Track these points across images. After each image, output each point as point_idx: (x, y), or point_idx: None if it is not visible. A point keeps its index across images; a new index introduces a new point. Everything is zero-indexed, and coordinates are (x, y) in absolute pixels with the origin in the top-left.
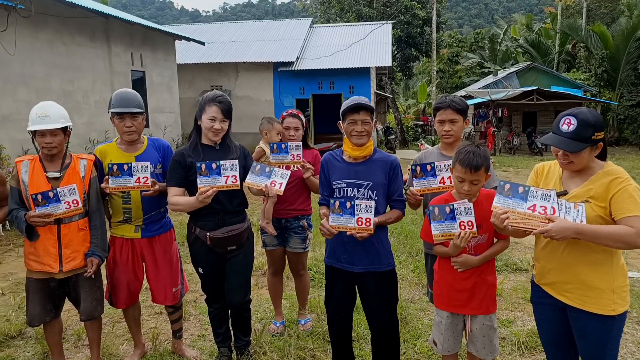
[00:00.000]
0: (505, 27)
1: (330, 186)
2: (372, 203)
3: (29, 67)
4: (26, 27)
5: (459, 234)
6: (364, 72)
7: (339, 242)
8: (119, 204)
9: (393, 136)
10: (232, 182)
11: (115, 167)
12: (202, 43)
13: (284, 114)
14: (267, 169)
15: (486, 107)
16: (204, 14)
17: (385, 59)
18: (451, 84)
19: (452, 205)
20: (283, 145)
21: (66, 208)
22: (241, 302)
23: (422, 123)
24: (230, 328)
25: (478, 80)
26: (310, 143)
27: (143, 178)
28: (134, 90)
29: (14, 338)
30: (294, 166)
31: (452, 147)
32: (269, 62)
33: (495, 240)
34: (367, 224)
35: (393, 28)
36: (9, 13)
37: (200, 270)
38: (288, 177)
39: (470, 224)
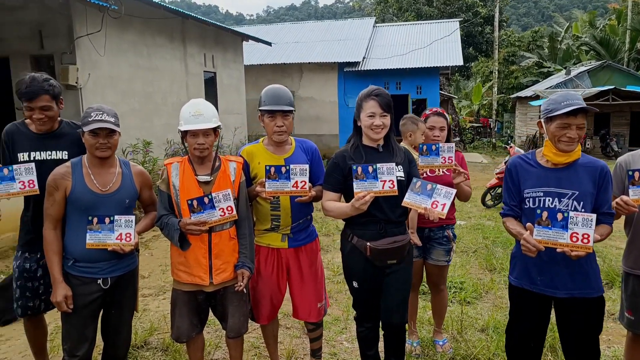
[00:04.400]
0: (567, 25)
1: (520, 194)
2: (593, 217)
3: (116, 69)
4: (114, 28)
5: None
6: (432, 72)
7: (533, 261)
8: (266, 210)
9: (457, 139)
10: (390, 187)
11: (273, 169)
12: (269, 44)
13: (427, 112)
14: (429, 187)
15: None
16: (247, 17)
17: (455, 57)
18: (507, 84)
19: None
20: (434, 147)
21: (220, 215)
22: (399, 322)
23: (480, 125)
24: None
25: (536, 80)
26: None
27: (301, 182)
28: (283, 86)
29: (140, 348)
30: (439, 170)
31: None
32: (334, 62)
33: None
34: (585, 240)
35: None
36: (103, 14)
37: (354, 284)
38: (453, 196)
39: None
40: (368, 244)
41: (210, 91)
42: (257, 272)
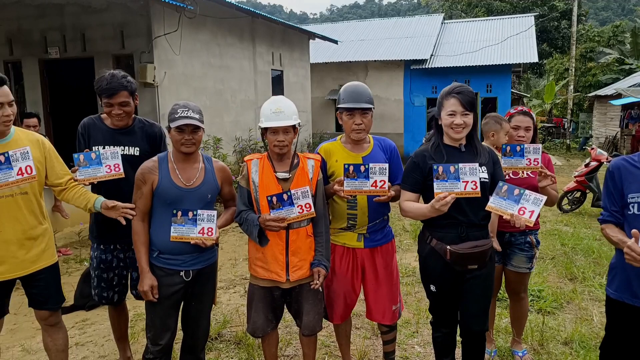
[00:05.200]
0: None
1: (623, 199)
2: None
3: (189, 67)
4: (189, 28)
5: None
6: (504, 69)
7: (636, 272)
8: (343, 209)
9: None
10: (472, 188)
11: (351, 168)
12: (335, 42)
13: (512, 111)
14: (516, 191)
15: (639, 107)
16: (311, 16)
17: (530, 54)
18: (583, 82)
19: None
20: (518, 148)
21: (299, 212)
22: (480, 330)
23: (553, 125)
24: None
25: (617, 78)
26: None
27: (380, 182)
28: (363, 84)
29: (214, 340)
30: (522, 172)
31: None
32: (400, 60)
33: None
34: None
35: None
36: (180, 14)
37: (432, 288)
38: (543, 203)
39: None
40: (448, 247)
41: (277, 89)
42: (332, 271)
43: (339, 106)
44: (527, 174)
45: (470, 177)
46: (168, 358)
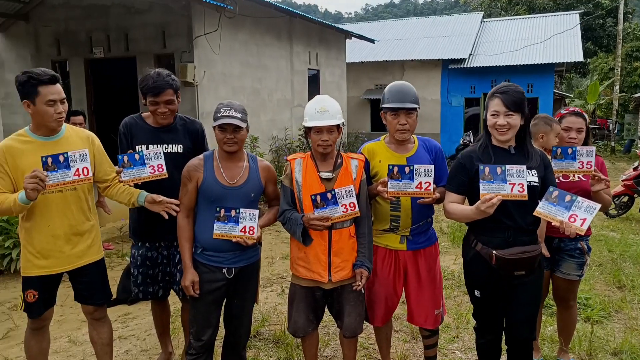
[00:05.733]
0: None
1: None
2: None
3: (228, 67)
4: (228, 28)
5: None
6: (546, 69)
7: None
8: (386, 210)
9: None
10: (519, 191)
11: (396, 169)
12: (372, 41)
13: (562, 112)
14: (568, 198)
15: None
16: (346, 15)
17: (574, 53)
18: (629, 82)
19: None
20: (569, 150)
21: (343, 211)
22: (527, 338)
23: (597, 127)
24: None
25: None
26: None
27: (425, 183)
28: (408, 83)
29: (252, 338)
30: (574, 176)
31: None
32: (438, 59)
33: None
34: None
35: None
36: (220, 14)
37: (476, 293)
38: (596, 211)
39: None
40: (494, 252)
41: (313, 88)
42: (374, 273)
43: (383, 106)
44: (578, 177)
45: (517, 179)
46: (210, 354)
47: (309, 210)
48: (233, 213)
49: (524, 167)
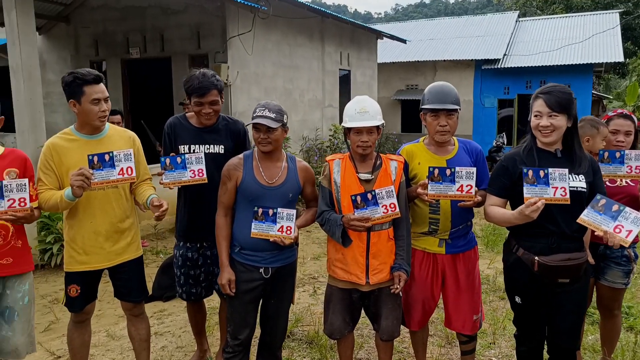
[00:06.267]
0: None
1: None
2: None
3: (261, 67)
4: (261, 29)
5: None
6: (584, 69)
7: None
8: (425, 213)
9: None
10: (561, 195)
11: (436, 171)
12: (404, 41)
13: (610, 113)
14: (615, 207)
15: None
16: (375, 16)
17: (614, 53)
18: None
19: None
20: (617, 154)
21: (383, 212)
22: (570, 347)
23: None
24: None
25: None
26: None
27: (467, 186)
28: (449, 83)
29: (286, 338)
30: (621, 180)
31: None
32: (471, 59)
33: None
34: None
35: None
36: (254, 15)
37: (517, 299)
38: None
39: None
40: (536, 258)
41: (344, 89)
42: (411, 277)
43: (423, 107)
44: (626, 182)
45: (559, 182)
46: (246, 353)
47: (347, 212)
48: (271, 212)
49: (566, 170)
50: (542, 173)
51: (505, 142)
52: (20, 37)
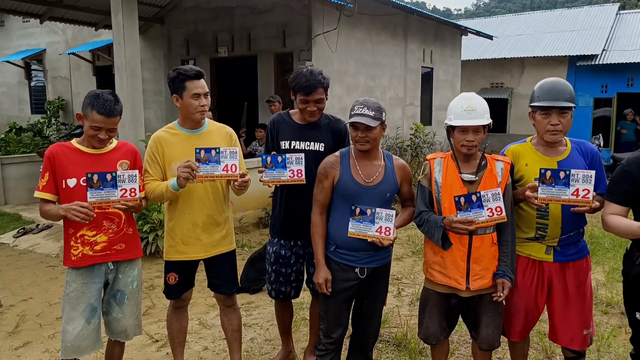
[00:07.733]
0: None
1: None
2: None
3: (344, 65)
4: (345, 26)
5: None
6: None
7: None
8: (532, 217)
9: None
10: None
11: (549, 173)
12: (490, 37)
13: None
14: (562, 174)
15: None
16: (455, 12)
17: None
18: None
19: None
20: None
21: (489, 215)
22: None
23: None
24: None
25: None
26: None
27: (583, 190)
28: (563, 79)
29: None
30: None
31: None
32: (564, 55)
33: None
34: None
35: None
36: (339, 13)
37: (638, 315)
38: None
39: None
40: None
41: (426, 87)
42: (514, 284)
43: (532, 104)
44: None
45: None
46: (338, 352)
47: (447, 213)
48: (369, 212)
49: None
50: None
51: (602, 144)
52: (125, 37)
